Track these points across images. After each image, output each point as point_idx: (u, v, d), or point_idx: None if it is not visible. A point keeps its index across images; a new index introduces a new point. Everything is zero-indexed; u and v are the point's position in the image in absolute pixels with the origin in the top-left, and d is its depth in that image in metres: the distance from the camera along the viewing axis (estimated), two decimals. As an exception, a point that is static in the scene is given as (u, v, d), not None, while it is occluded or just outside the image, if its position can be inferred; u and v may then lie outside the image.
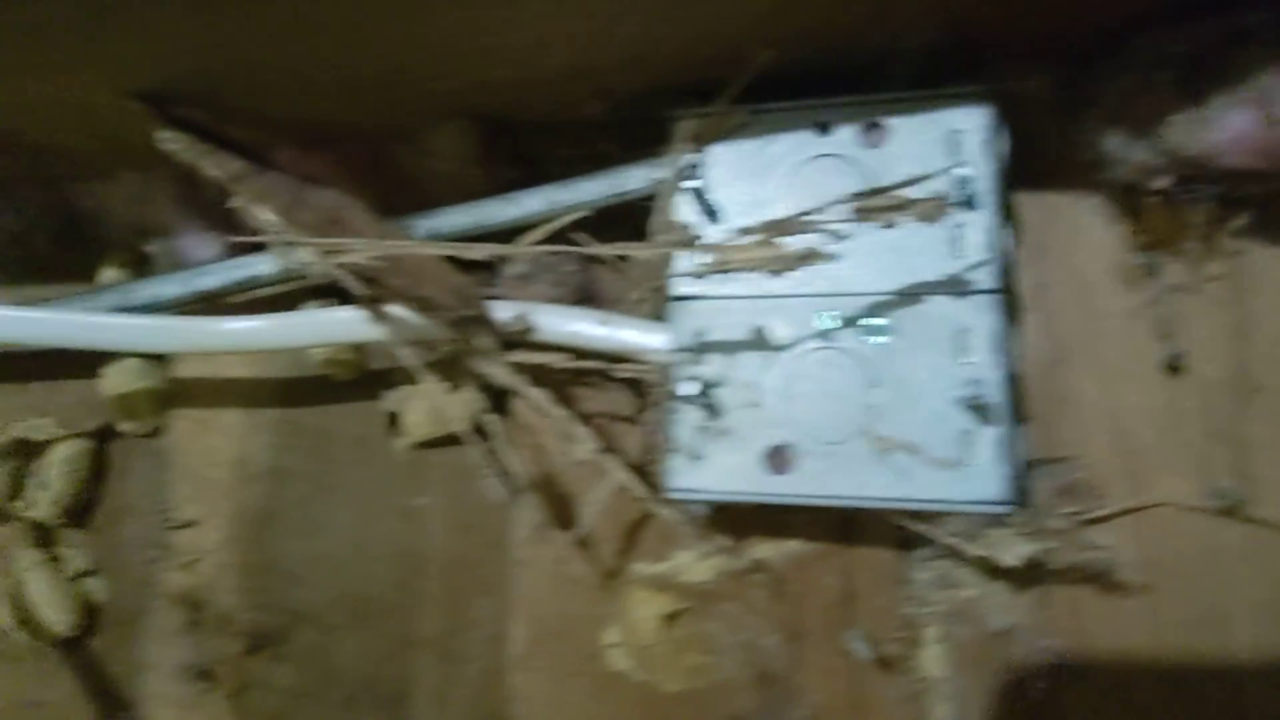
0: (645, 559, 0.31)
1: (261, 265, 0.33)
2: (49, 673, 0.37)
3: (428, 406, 0.33)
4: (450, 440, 0.34)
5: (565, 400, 0.30)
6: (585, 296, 0.32)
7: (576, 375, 0.30)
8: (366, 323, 0.30)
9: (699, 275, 0.28)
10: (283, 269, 0.32)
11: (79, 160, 0.36)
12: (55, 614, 0.36)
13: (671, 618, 0.31)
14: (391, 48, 0.28)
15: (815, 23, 0.26)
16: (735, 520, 0.30)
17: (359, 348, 0.35)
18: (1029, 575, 0.28)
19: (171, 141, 0.29)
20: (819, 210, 0.25)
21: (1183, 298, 0.29)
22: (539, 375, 0.30)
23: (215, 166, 0.29)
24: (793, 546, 0.30)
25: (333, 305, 0.32)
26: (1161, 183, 0.28)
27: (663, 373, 0.28)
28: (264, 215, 0.29)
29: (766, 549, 0.30)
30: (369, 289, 0.29)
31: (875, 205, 0.24)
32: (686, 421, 0.28)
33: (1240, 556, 0.27)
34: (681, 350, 0.28)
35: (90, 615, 0.37)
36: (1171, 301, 0.29)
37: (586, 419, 0.30)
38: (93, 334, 0.32)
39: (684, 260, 0.28)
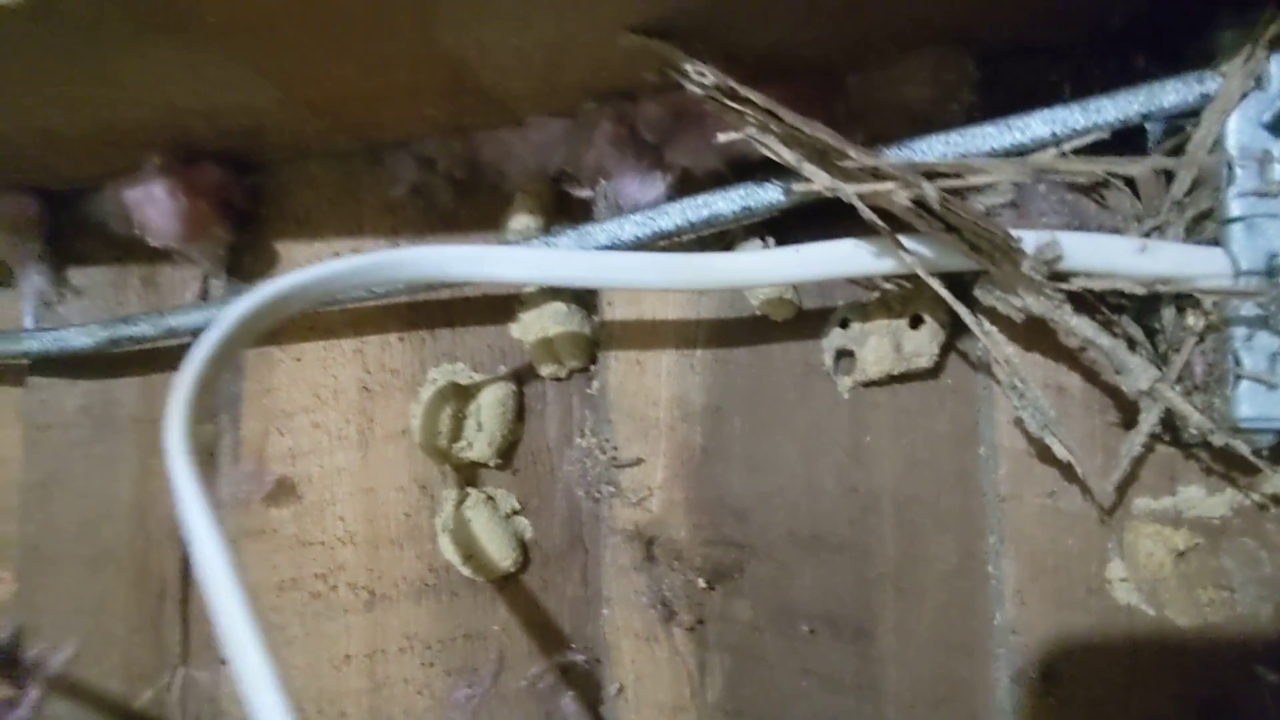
0: (1147, 493, 0.30)
1: (720, 204, 0.32)
2: (487, 606, 0.37)
3: (887, 341, 0.32)
4: (897, 379, 0.33)
5: (1107, 327, 0.28)
6: (1084, 227, 0.30)
7: (1110, 304, 0.28)
8: (877, 255, 0.29)
9: (1269, 194, 0.26)
10: (758, 204, 0.31)
11: (500, 107, 0.35)
12: (500, 550, 0.36)
13: (1183, 554, 0.29)
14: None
15: None
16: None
17: (796, 288, 0.34)
18: None
19: (698, 74, 0.28)
20: None
21: None
22: (1074, 303, 0.28)
23: (738, 100, 0.28)
24: (1322, 478, 0.28)
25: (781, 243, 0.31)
26: None
27: (1223, 298, 0.26)
28: (782, 149, 0.28)
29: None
30: (920, 220, 0.27)
31: None
32: (1260, 348, 0.25)
33: None
34: (1249, 273, 0.26)
35: (525, 553, 0.37)
36: None
37: (1129, 343, 0.28)
38: (579, 271, 0.31)
39: (1245, 179, 0.26)
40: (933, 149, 0.30)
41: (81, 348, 0.40)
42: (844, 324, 0.33)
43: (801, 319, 0.34)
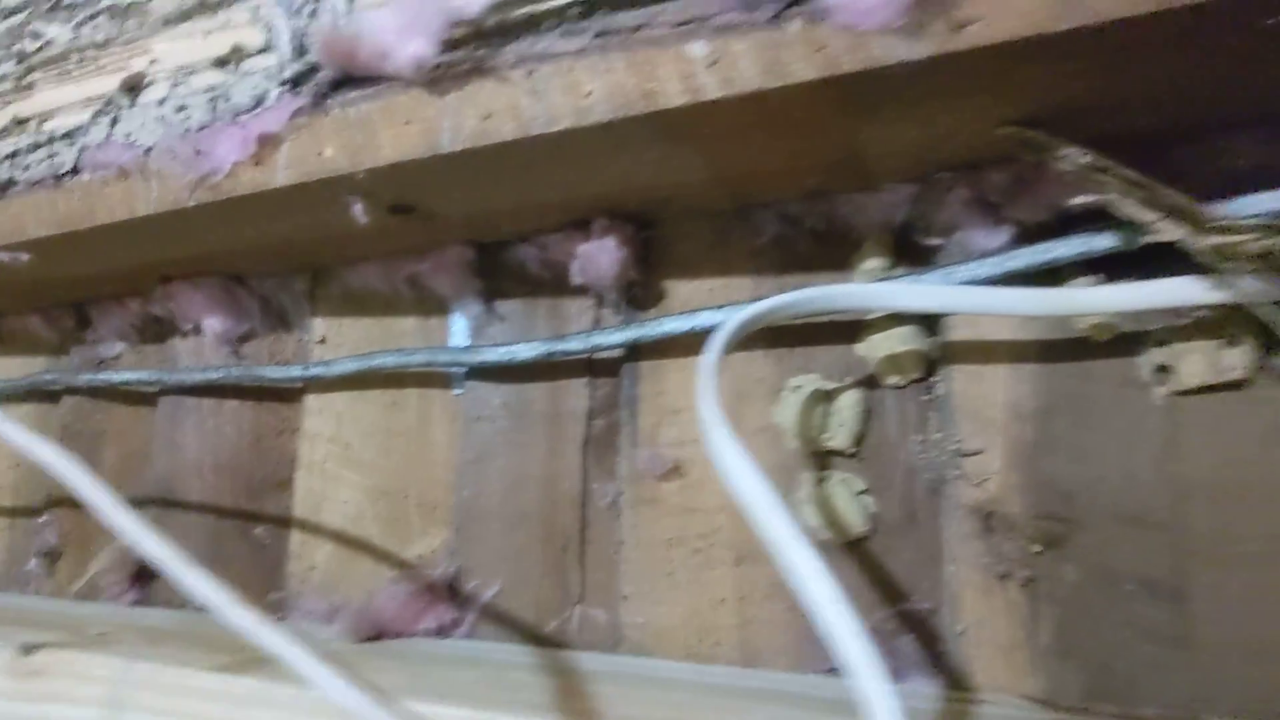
0: None
1: (1060, 250, 0.40)
2: (840, 563, 0.45)
3: (1205, 358, 0.39)
4: (1211, 389, 0.39)
5: None
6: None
7: None
8: (1204, 289, 0.36)
9: None
10: (1087, 249, 0.39)
11: (866, 176, 0.45)
12: (853, 518, 0.45)
13: None
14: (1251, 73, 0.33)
15: None
16: None
17: (1119, 314, 0.41)
18: None
19: (1070, 153, 0.36)
20: None
21: None
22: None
23: (1099, 169, 0.36)
24: None
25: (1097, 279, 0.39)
26: None
27: None
28: (1133, 208, 0.36)
29: None
30: (1230, 260, 0.34)
31: None
32: None
33: None
34: None
35: (871, 523, 0.45)
36: None
37: None
38: (978, 302, 0.40)
39: None
40: (1254, 206, 0.37)
41: (527, 359, 0.52)
42: (1162, 343, 0.40)
43: (1119, 339, 0.41)
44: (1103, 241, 0.39)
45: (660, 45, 0.38)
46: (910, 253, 0.46)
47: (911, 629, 0.44)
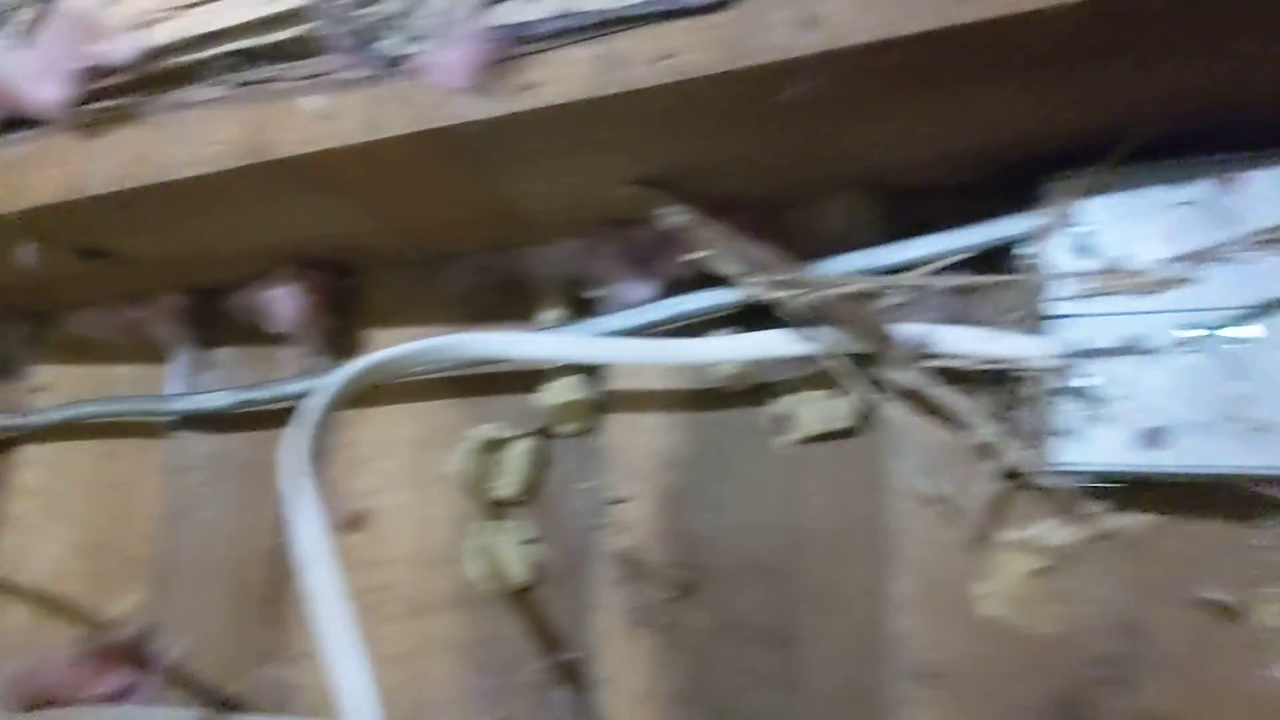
0: (1011, 525, 0.37)
1: (689, 303, 0.41)
2: (503, 615, 0.45)
3: (818, 408, 0.41)
4: (832, 436, 0.41)
5: (960, 398, 0.36)
6: (960, 321, 0.38)
7: (964, 378, 0.37)
8: (795, 342, 0.38)
9: (1076, 298, 0.34)
10: (715, 304, 0.40)
11: (535, 231, 0.46)
12: (513, 568, 0.44)
13: (1038, 574, 0.36)
14: (827, 144, 0.36)
15: (1194, 100, 0.32)
16: (1094, 493, 0.35)
17: (753, 364, 0.43)
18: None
19: (672, 215, 0.38)
20: (1190, 247, 0.31)
21: None
22: (938, 379, 0.36)
23: (703, 232, 0.38)
24: (1148, 517, 0.35)
25: (741, 331, 0.40)
26: None
27: (1044, 373, 0.34)
28: (729, 265, 0.38)
29: (1123, 519, 0.35)
30: (806, 317, 0.36)
31: (1260, 239, 0.30)
32: (1067, 411, 0.33)
33: None
34: (1065, 355, 0.34)
35: (536, 572, 0.45)
36: None
37: (978, 412, 0.36)
38: (591, 351, 0.41)
39: (1061, 287, 0.35)
40: (844, 265, 0.39)
41: (218, 408, 0.51)
42: (784, 393, 0.42)
43: (755, 390, 0.43)
44: (729, 296, 0.40)
45: (285, 98, 0.38)
46: (584, 303, 0.47)
47: (565, 679, 0.44)
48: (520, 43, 0.33)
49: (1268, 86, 0.31)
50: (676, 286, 0.43)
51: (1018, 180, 0.37)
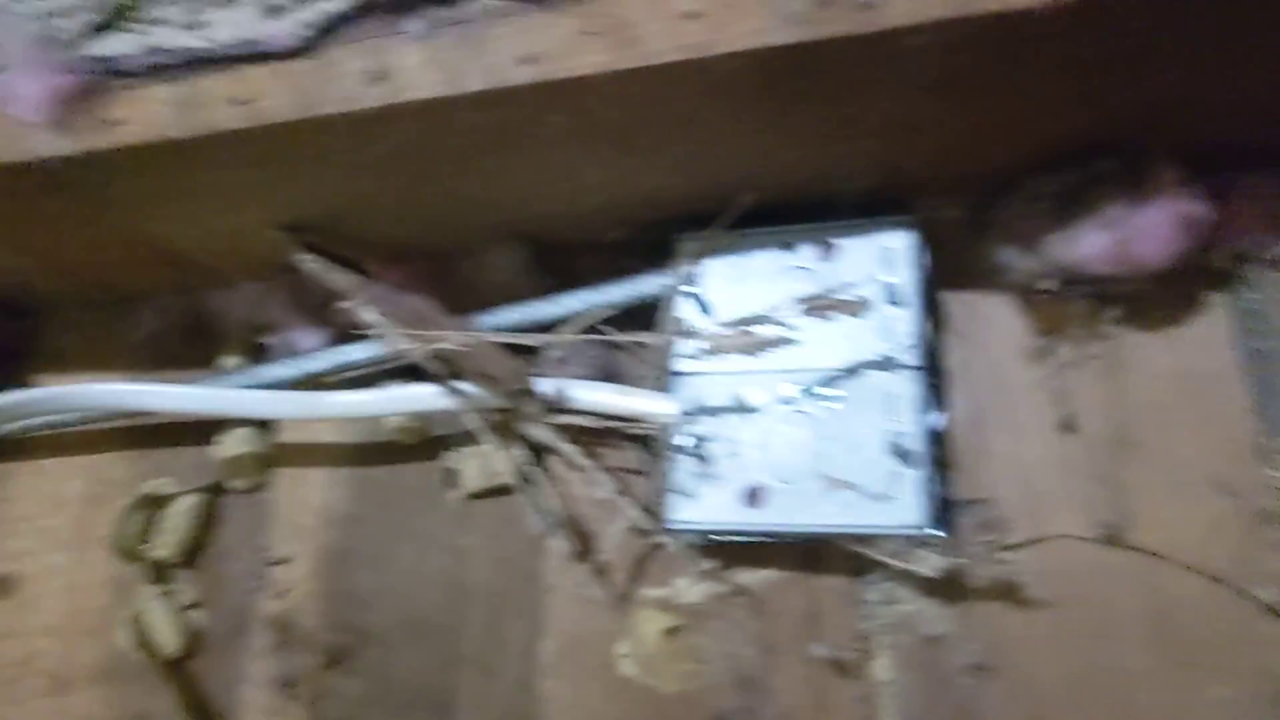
0: (651, 584, 0.37)
1: (356, 353, 0.40)
2: (156, 689, 0.41)
3: (481, 463, 0.39)
4: (496, 492, 0.40)
5: (592, 454, 0.36)
6: (609, 375, 0.38)
7: (601, 434, 0.36)
8: (442, 396, 0.36)
9: (696, 357, 0.34)
10: (376, 355, 0.39)
11: (212, 274, 0.43)
12: (166, 637, 0.41)
13: (670, 632, 0.36)
14: (469, 195, 0.35)
15: (786, 174, 0.33)
16: (724, 551, 0.35)
17: (425, 417, 0.41)
18: (955, 592, 0.33)
19: (307, 261, 0.36)
20: (782, 308, 0.32)
21: (1073, 372, 0.35)
22: (573, 435, 0.36)
23: (337, 279, 0.36)
24: (769, 574, 0.35)
25: (408, 383, 0.39)
26: (1047, 284, 0.34)
27: (666, 431, 0.34)
28: (371, 315, 0.36)
29: (748, 575, 0.35)
30: (448, 370, 0.35)
31: (819, 304, 0.31)
32: (683, 469, 0.33)
33: (1121, 577, 0.33)
34: (682, 413, 0.34)
35: (194, 640, 0.42)
36: (1064, 375, 0.35)
37: (610, 469, 0.36)
38: (231, 405, 0.38)
39: (685, 346, 0.35)
40: (508, 318, 0.39)
41: None
42: (453, 447, 0.41)
43: (428, 443, 0.41)
44: (355, 353, 0.39)
45: None
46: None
47: (219, 758, 0.40)
48: (109, 77, 0.31)
49: (846, 163, 0.33)
50: (350, 336, 0.42)
51: (666, 239, 0.37)
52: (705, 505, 0.33)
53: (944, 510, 0.34)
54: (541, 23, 0.27)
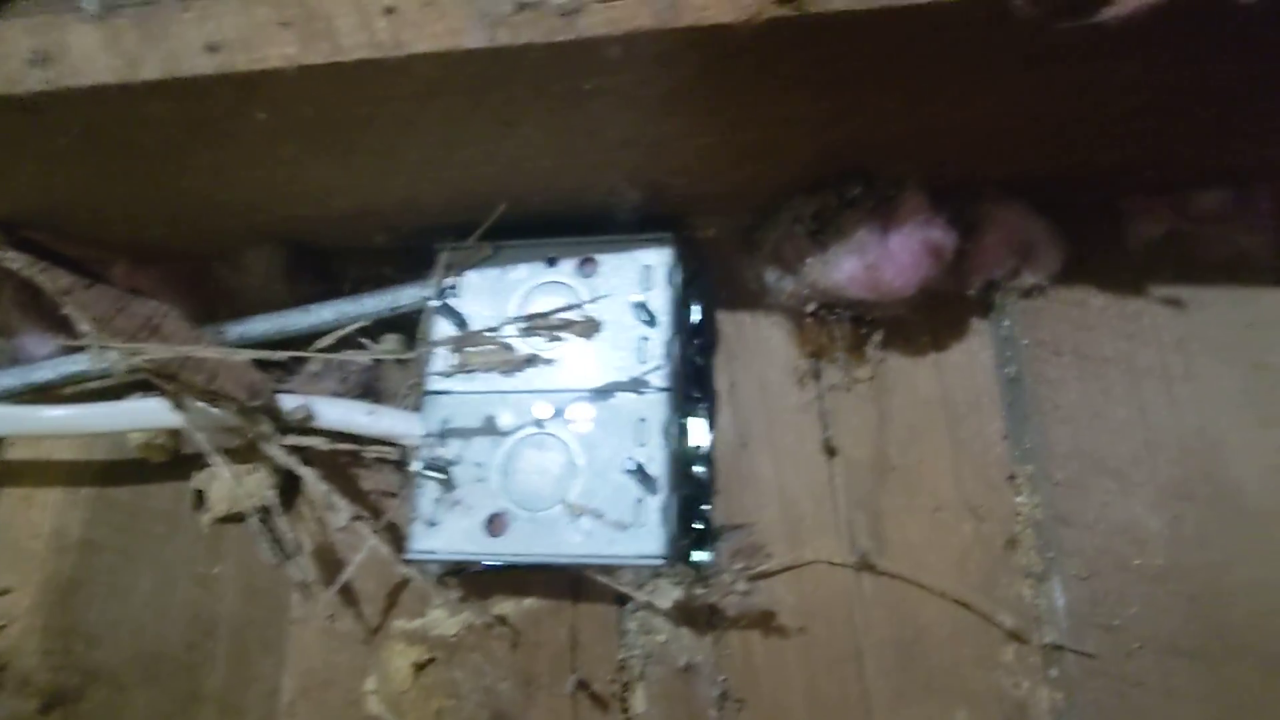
0: (405, 615, 0.34)
1: (85, 363, 0.36)
2: None
3: (232, 485, 0.36)
4: (245, 516, 0.37)
5: (345, 478, 0.33)
6: (368, 391, 0.36)
7: (352, 456, 0.34)
8: (168, 412, 0.33)
9: (448, 374, 0.32)
10: (97, 367, 0.35)
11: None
12: None
13: (421, 666, 0.33)
14: (203, 194, 0.32)
15: (544, 185, 0.32)
16: (483, 580, 0.34)
17: (173, 433, 0.38)
18: (708, 621, 0.32)
19: (10, 260, 0.32)
20: (530, 324, 0.30)
21: (839, 395, 0.35)
22: (324, 456, 0.33)
23: (47, 281, 0.33)
24: (529, 603, 0.34)
25: (147, 397, 0.35)
26: (809, 307, 0.34)
27: (412, 453, 0.32)
28: (82, 323, 0.32)
29: (507, 606, 0.34)
30: (170, 384, 0.32)
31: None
32: (427, 494, 0.31)
33: (873, 603, 0.32)
34: (429, 435, 0.32)
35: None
36: (830, 398, 0.35)
37: (363, 494, 0.33)
38: None
39: (438, 362, 0.33)
40: (258, 327, 0.35)
41: None
42: (204, 467, 0.37)
43: (178, 462, 0.38)
44: (84, 362, 0.35)
45: None
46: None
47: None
48: None
49: (603, 176, 0.31)
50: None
51: (421, 247, 0.35)
52: (446, 533, 0.31)
53: (701, 536, 0.33)
54: (231, 9, 0.24)
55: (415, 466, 0.31)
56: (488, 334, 0.31)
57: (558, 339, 0.30)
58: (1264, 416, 0.32)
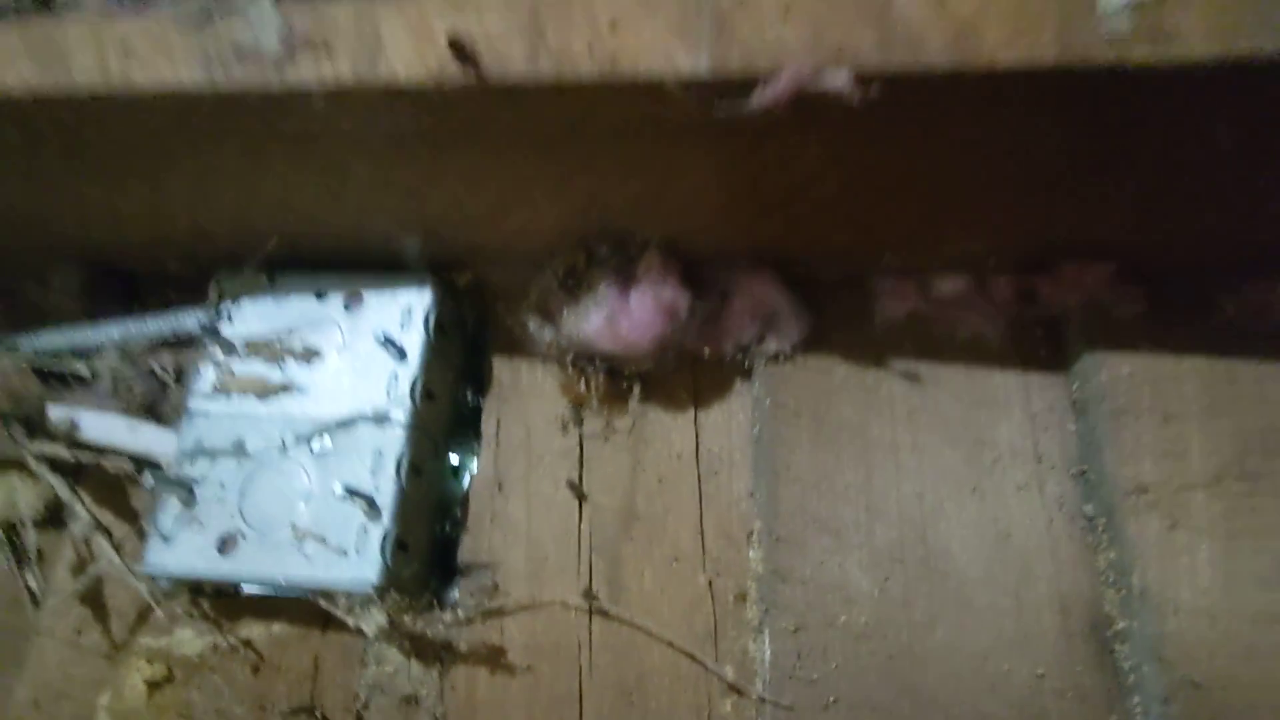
0: (153, 633, 0.35)
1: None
2: None
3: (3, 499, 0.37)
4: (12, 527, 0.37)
5: (121, 493, 0.34)
6: (151, 410, 0.37)
7: (112, 469, 0.35)
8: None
9: (210, 395, 0.34)
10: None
11: None
12: None
13: (157, 685, 0.34)
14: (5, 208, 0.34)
15: (315, 221, 0.34)
16: (236, 603, 0.34)
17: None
18: (438, 655, 0.33)
19: None
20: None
21: (596, 443, 0.36)
22: (97, 471, 0.34)
23: None
24: (277, 629, 0.34)
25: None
26: (568, 357, 0.35)
27: (159, 469, 0.33)
28: None
29: (255, 629, 0.34)
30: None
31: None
32: (169, 511, 0.32)
33: (600, 646, 0.33)
34: (180, 453, 0.33)
35: None
36: (588, 445, 0.36)
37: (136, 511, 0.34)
38: None
39: (203, 384, 0.34)
40: (56, 339, 0.37)
41: None
42: (-20, 475, 0.38)
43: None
44: None
45: None
46: None
47: None
48: None
49: (373, 218, 0.33)
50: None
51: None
52: (181, 551, 0.32)
53: (445, 572, 0.34)
54: (-20, 35, 0.26)
55: (149, 483, 0.32)
56: (255, 361, 0.32)
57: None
58: (979, 489, 0.34)
